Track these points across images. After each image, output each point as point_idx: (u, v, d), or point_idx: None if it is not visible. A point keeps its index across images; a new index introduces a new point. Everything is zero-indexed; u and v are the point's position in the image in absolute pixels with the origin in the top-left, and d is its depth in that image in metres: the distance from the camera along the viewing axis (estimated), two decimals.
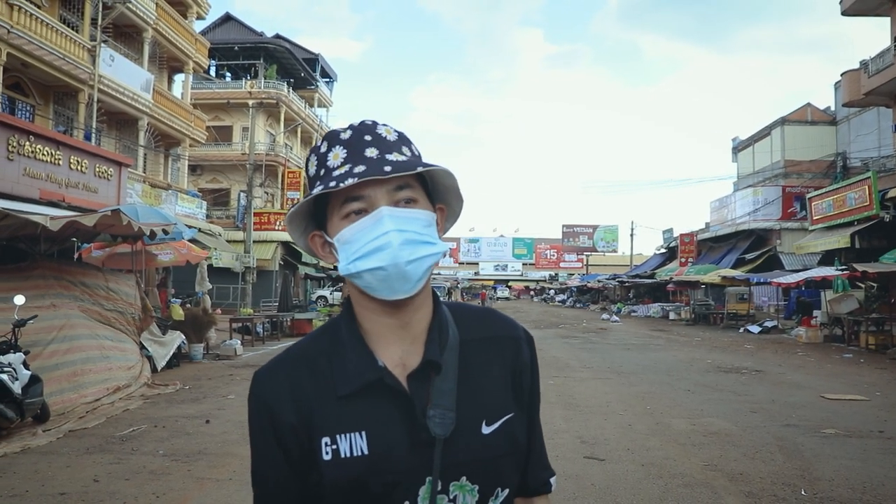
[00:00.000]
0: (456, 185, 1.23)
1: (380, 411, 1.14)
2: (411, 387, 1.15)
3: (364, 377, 1.14)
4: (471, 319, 1.28)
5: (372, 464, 1.11)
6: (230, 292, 33.05)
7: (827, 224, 26.66)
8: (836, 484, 6.05)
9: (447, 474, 1.13)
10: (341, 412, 1.14)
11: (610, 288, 58.82)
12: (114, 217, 10.32)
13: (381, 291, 1.13)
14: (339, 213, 1.16)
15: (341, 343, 1.19)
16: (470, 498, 1.15)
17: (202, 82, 39.10)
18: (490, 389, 1.21)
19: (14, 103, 19.96)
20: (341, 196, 1.14)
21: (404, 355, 1.18)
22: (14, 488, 5.80)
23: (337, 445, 1.12)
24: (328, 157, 1.18)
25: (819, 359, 17.13)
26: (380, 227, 1.11)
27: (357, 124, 1.20)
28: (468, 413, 1.16)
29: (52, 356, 9.68)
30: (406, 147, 1.20)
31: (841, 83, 29.06)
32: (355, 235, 1.13)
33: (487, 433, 1.18)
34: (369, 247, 1.11)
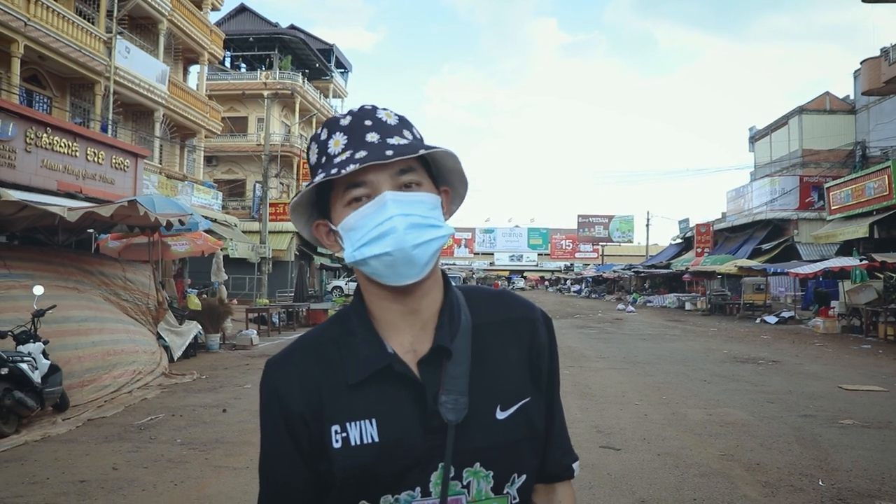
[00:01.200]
0: (459, 167, 1.21)
1: (390, 398, 1.13)
2: (422, 373, 1.14)
3: (373, 365, 1.13)
4: (484, 302, 1.27)
5: (383, 451, 1.10)
6: (246, 283, 33.22)
7: (845, 214, 26.43)
8: (854, 475, 6.01)
9: (460, 460, 1.12)
10: (351, 400, 1.13)
11: (625, 278, 58.64)
12: (130, 208, 10.37)
13: (388, 277, 1.12)
14: (342, 200, 1.15)
15: (351, 331, 1.19)
16: (484, 484, 1.15)
17: (217, 73, 39.22)
18: (505, 374, 1.20)
19: (31, 95, 20.09)
20: (344, 183, 1.13)
21: (415, 341, 1.17)
22: (35, 475, 5.86)
23: (347, 433, 1.11)
24: (329, 144, 1.16)
25: (837, 349, 17.01)
26: (384, 212, 1.10)
27: (356, 110, 1.19)
28: (482, 398, 1.15)
29: (88, 333, 9.87)
30: (407, 130, 1.18)
31: (860, 71, 28.77)
32: (359, 222, 1.12)
33: (502, 418, 1.17)
34: (374, 233, 1.10)
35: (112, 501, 5.19)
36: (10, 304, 9.05)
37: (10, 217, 9.42)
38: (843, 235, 25.75)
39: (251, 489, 5.47)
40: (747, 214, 38.93)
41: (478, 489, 1.14)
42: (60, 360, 8.77)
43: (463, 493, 1.13)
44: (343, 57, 51.31)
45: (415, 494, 1.11)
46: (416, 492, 1.11)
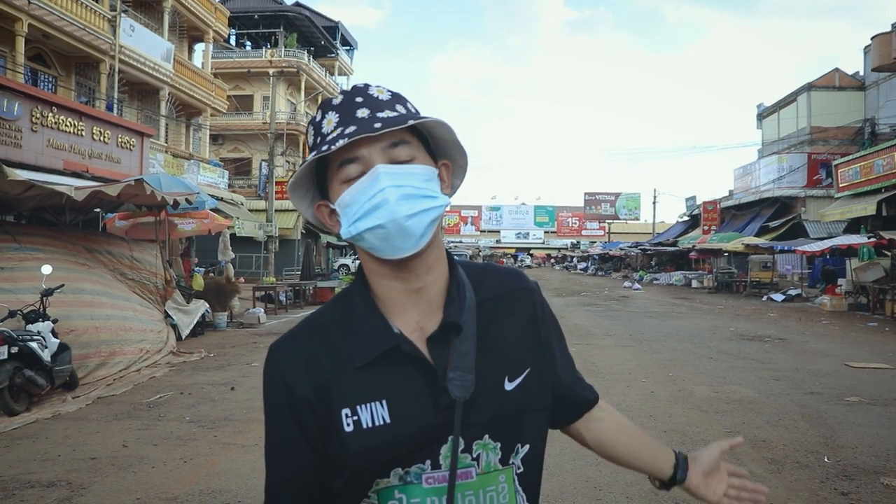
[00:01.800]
0: (454, 137, 1.20)
1: (399, 378, 1.13)
2: (431, 350, 1.14)
3: (379, 346, 1.13)
4: (483, 277, 1.27)
5: (395, 431, 1.10)
6: (253, 261, 33.29)
7: (853, 191, 26.29)
8: (859, 451, 6.03)
9: (470, 433, 1.13)
10: (360, 382, 1.13)
11: (632, 256, 58.58)
12: (137, 187, 10.38)
13: (384, 251, 1.12)
14: (337, 178, 1.15)
15: (354, 312, 1.18)
16: (493, 456, 1.16)
17: (222, 51, 39.08)
18: (510, 346, 1.22)
19: (36, 74, 20.07)
20: (337, 160, 1.13)
21: (422, 319, 1.17)
22: (47, 452, 5.93)
23: (358, 416, 1.11)
24: (322, 124, 1.17)
25: (843, 327, 17.00)
26: (376, 184, 1.10)
27: (349, 89, 1.19)
28: (490, 372, 1.17)
29: (101, 306, 10.03)
30: (400, 105, 1.18)
31: (870, 47, 28.52)
32: (354, 197, 1.12)
33: (510, 389, 1.18)
34: (367, 206, 1.10)
35: (122, 478, 5.24)
36: (25, 273, 9.15)
37: (17, 196, 9.44)
38: (850, 213, 25.63)
39: (259, 466, 5.49)
40: (754, 192, 38.76)
41: (486, 461, 1.15)
42: (78, 331, 8.97)
43: (473, 465, 1.14)
44: (348, 34, 51.03)
45: (425, 467, 1.12)
46: (426, 464, 1.12)
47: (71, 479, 5.21)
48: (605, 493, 4.95)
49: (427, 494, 1.12)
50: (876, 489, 5.05)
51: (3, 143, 14.41)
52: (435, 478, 1.12)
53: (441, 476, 1.12)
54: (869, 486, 5.11)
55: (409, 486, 1.12)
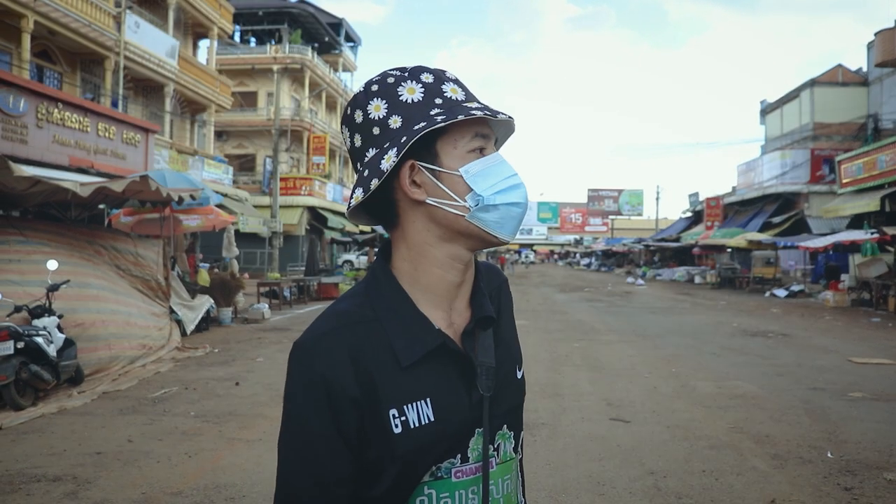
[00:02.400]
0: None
1: (441, 376, 1.11)
2: (465, 345, 1.14)
3: (426, 344, 1.10)
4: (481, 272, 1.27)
5: (438, 429, 1.09)
6: (257, 257, 33.35)
7: (856, 187, 26.23)
8: (862, 446, 6.05)
9: (494, 425, 1.15)
10: (404, 381, 1.08)
11: (635, 252, 58.54)
12: (142, 183, 10.41)
13: (506, 230, 1.13)
14: (464, 145, 1.11)
15: (390, 308, 1.13)
16: (509, 445, 1.19)
17: (227, 48, 39.06)
18: (513, 336, 1.27)
19: (42, 71, 20.10)
20: (472, 130, 1.12)
21: (452, 314, 1.17)
22: (53, 447, 5.96)
23: (406, 416, 1.07)
24: (443, 88, 1.14)
25: (846, 323, 17.00)
26: (508, 167, 1.13)
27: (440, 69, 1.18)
28: (506, 363, 1.19)
29: (107, 301, 10.06)
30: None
31: (874, 43, 28.40)
32: (492, 169, 1.12)
33: (520, 377, 1.23)
34: (508, 182, 1.12)
35: (128, 473, 5.27)
36: (32, 266, 9.19)
37: (23, 192, 9.46)
38: (854, 209, 25.57)
39: (264, 461, 5.56)
40: (758, 188, 38.71)
41: (504, 451, 1.18)
42: (85, 324, 9.03)
43: (494, 455, 1.15)
44: (352, 31, 50.99)
45: (455, 461, 1.11)
46: (456, 459, 1.11)
47: (76, 473, 5.24)
48: (608, 489, 4.98)
49: (456, 488, 1.11)
50: (879, 484, 5.07)
51: (10, 139, 14.46)
52: (464, 471, 1.12)
53: (468, 469, 1.12)
54: (872, 482, 5.13)
55: (439, 481, 1.10)
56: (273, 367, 10.04)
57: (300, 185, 36.01)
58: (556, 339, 13.15)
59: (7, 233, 9.52)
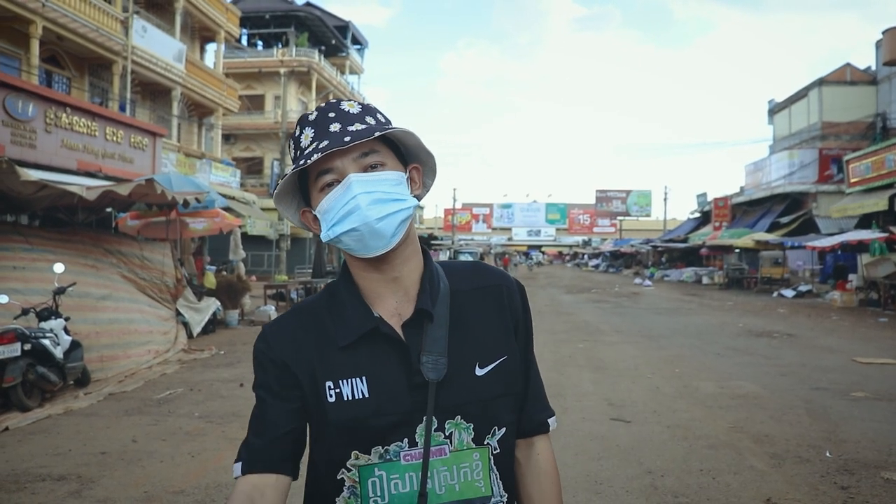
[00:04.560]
0: (420, 142, 1.32)
1: (378, 358, 1.25)
2: (406, 335, 1.26)
3: (361, 327, 1.26)
4: (462, 273, 1.39)
5: (372, 405, 1.22)
6: (264, 259, 33.47)
7: (865, 187, 26.16)
8: (861, 446, 6.07)
9: (442, 414, 1.24)
10: (343, 359, 1.25)
11: (643, 252, 58.42)
12: (148, 186, 10.51)
13: (358, 251, 1.25)
14: (315, 186, 1.27)
15: (340, 299, 1.32)
16: (465, 435, 1.26)
17: (234, 51, 39.22)
18: (483, 334, 1.32)
19: (50, 76, 20.26)
20: (315, 171, 1.26)
21: (399, 306, 1.29)
22: (59, 447, 6.04)
23: (340, 389, 1.24)
24: (301, 139, 1.29)
25: (853, 323, 16.97)
26: (348, 192, 1.22)
27: (323, 105, 1.31)
28: (461, 357, 1.27)
29: (105, 311, 10.11)
30: (370, 116, 1.29)
31: (882, 41, 28.33)
32: (330, 204, 1.24)
33: (481, 375, 1.29)
34: (342, 212, 1.23)
35: (131, 472, 5.35)
36: (36, 274, 9.28)
37: (30, 196, 9.58)
38: (862, 208, 25.51)
39: None
40: (765, 188, 38.60)
41: (459, 440, 1.26)
42: (80, 335, 9.00)
43: (445, 443, 1.24)
44: (359, 33, 51.11)
45: (403, 445, 1.23)
46: (403, 443, 1.23)
47: (81, 472, 5.32)
48: (605, 487, 5.02)
49: (405, 470, 1.23)
50: (876, 483, 5.09)
51: (19, 143, 14.57)
52: (412, 455, 1.23)
53: (417, 453, 1.23)
54: (869, 481, 5.15)
55: (389, 463, 1.23)
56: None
57: None
58: (561, 340, 13.18)
59: (12, 240, 9.61)
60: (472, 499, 1.26)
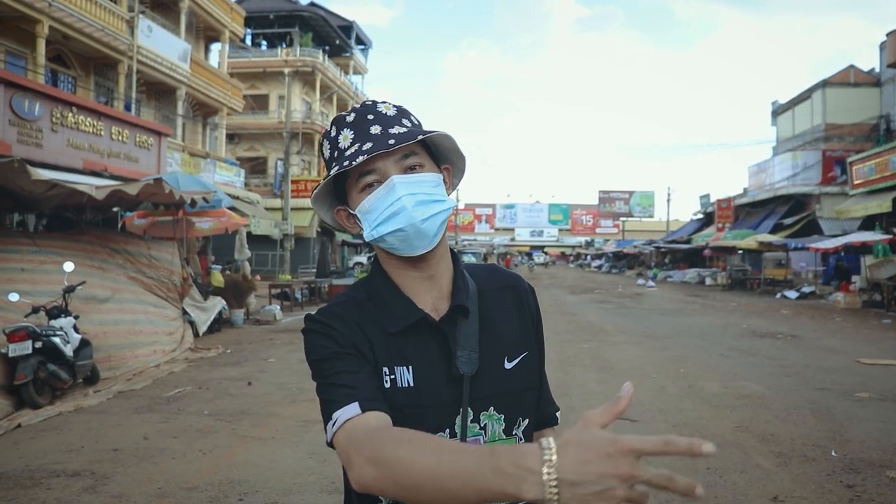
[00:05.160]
0: (455, 145, 1.37)
1: (423, 350, 1.30)
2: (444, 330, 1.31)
3: (409, 318, 1.30)
4: (482, 273, 1.46)
5: (416, 394, 1.27)
6: (269, 259, 33.53)
7: (868, 188, 26.21)
8: (866, 445, 6.11)
9: (477, 406, 1.30)
10: (392, 347, 1.29)
11: (646, 253, 58.46)
12: (156, 186, 10.57)
13: (403, 250, 1.30)
14: (356, 187, 1.31)
15: (380, 293, 1.35)
16: (497, 426, 1.32)
17: (238, 51, 39.28)
18: (508, 330, 1.38)
19: (56, 75, 20.32)
20: (356, 172, 1.30)
21: (434, 302, 1.34)
22: (71, 444, 6.11)
23: (394, 375, 1.27)
24: (339, 139, 1.32)
25: (856, 324, 17.00)
26: (393, 194, 1.26)
27: (359, 107, 1.35)
28: (491, 352, 1.33)
29: (110, 312, 10.17)
30: (406, 119, 1.34)
31: (886, 43, 28.33)
32: (374, 205, 1.28)
33: (509, 368, 1.35)
34: (387, 213, 1.27)
35: (144, 468, 5.41)
36: (44, 276, 9.34)
37: (41, 195, 9.64)
38: (865, 210, 25.54)
39: (277, 458, 5.68)
40: (769, 189, 38.63)
41: (492, 430, 1.31)
42: (88, 335, 9.05)
43: (480, 434, 1.30)
44: (363, 33, 51.16)
45: (444, 435, 1.28)
46: (445, 433, 1.28)
47: (94, 469, 5.38)
48: None
49: None
50: (881, 482, 5.14)
51: (25, 142, 14.65)
52: None
53: None
54: (874, 479, 5.20)
55: None
56: (285, 367, 10.17)
57: (311, 187, 36.06)
58: (565, 341, 13.23)
59: (20, 243, 9.68)
60: None
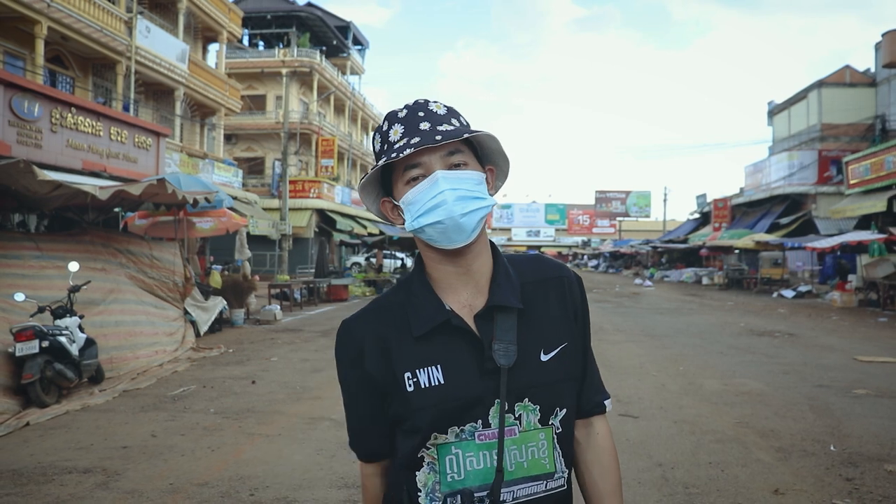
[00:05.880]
0: (500, 147, 1.44)
1: (451, 347, 1.37)
2: (478, 324, 1.38)
3: (434, 320, 1.37)
4: (525, 265, 1.51)
5: (448, 390, 1.34)
6: (266, 259, 33.57)
7: (864, 188, 26.31)
8: (864, 441, 6.20)
9: (512, 397, 1.36)
10: (419, 350, 1.37)
11: (643, 253, 58.60)
12: (159, 186, 10.62)
13: (441, 242, 1.36)
14: (402, 179, 1.38)
15: (414, 293, 1.42)
16: (532, 416, 1.38)
17: (236, 52, 39.29)
18: (547, 323, 1.44)
19: (55, 76, 20.34)
20: (402, 165, 1.37)
21: (470, 298, 1.41)
22: (80, 441, 6.17)
23: (417, 378, 1.35)
24: (389, 133, 1.39)
25: (853, 323, 17.12)
26: (436, 187, 1.33)
27: (412, 104, 1.41)
28: (529, 344, 1.39)
29: (111, 314, 10.24)
30: (455, 119, 1.41)
31: (881, 43, 28.46)
32: (416, 197, 1.35)
33: (546, 360, 1.41)
34: (429, 205, 1.33)
35: (154, 465, 5.48)
36: (45, 282, 9.39)
37: (45, 196, 9.69)
38: (861, 210, 25.64)
39: (285, 454, 5.75)
40: (765, 189, 38.77)
41: (527, 421, 1.38)
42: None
43: (515, 423, 1.37)
44: (360, 34, 51.20)
45: (476, 426, 1.35)
46: (477, 423, 1.35)
47: (105, 465, 5.45)
48: None
49: (479, 449, 1.35)
50: (879, 475, 5.23)
51: (24, 143, 14.68)
52: (486, 435, 1.35)
53: (490, 433, 1.35)
54: (873, 473, 5.29)
55: (464, 442, 1.35)
56: (287, 366, 10.24)
57: (309, 187, 36.21)
58: None
59: (23, 247, 9.71)
60: (538, 475, 1.38)
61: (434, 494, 1.36)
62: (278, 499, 4.78)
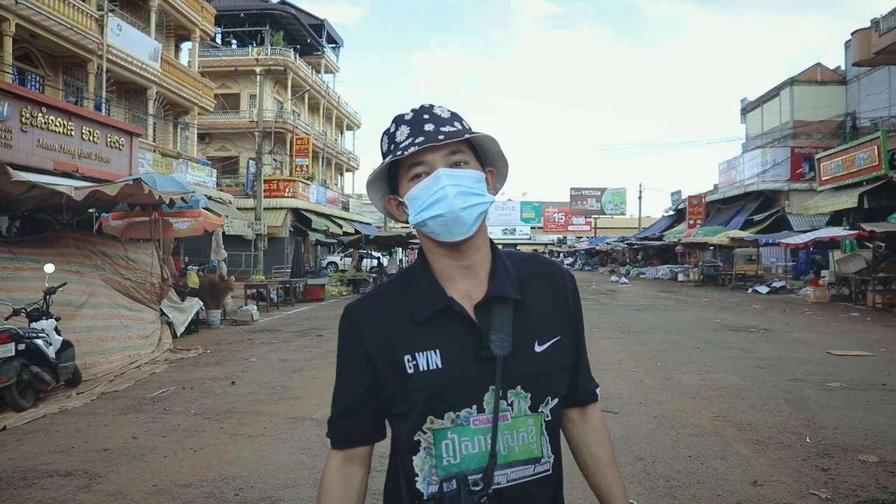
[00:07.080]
0: (499, 148, 1.51)
1: (450, 333, 1.43)
2: (476, 314, 1.44)
3: (435, 305, 1.44)
4: (522, 262, 1.58)
5: (446, 374, 1.40)
6: (242, 259, 33.38)
7: (836, 185, 26.62)
8: (839, 432, 6.32)
9: (505, 384, 1.42)
10: (419, 334, 1.43)
11: (618, 250, 58.92)
12: (135, 186, 10.54)
13: (442, 235, 1.43)
14: (406, 177, 1.45)
15: (416, 280, 1.50)
16: (524, 403, 1.45)
17: (209, 50, 39.01)
18: (542, 316, 1.50)
19: (24, 74, 20.08)
20: (407, 163, 1.44)
21: (469, 289, 1.47)
22: (60, 445, 6.12)
23: (416, 361, 1.41)
24: (396, 134, 1.47)
25: (826, 317, 17.36)
26: (438, 183, 1.40)
27: (418, 107, 1.50)
28: (523, 335, 1.46)
29: (84, 319, 10.13)
30: (457, 122, 1.48)
31: (851, 42, 28.81)
32: (420, 192, 1.42)
33: (539, 351, 1.48)
34: (431, 199, 1.40)
35: (136, 467, 5.45)
36: (20, 283, 9.31)
37: (19, 197, 9.59)
38: (833, 206, 25.96)
39: (268, 454, 5.75)
40: (739, 186, 39.16)
41: (518, 407, 1.45)
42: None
43: (508, 409, 1.43)
44: (334, 32, 51.05)
45: (471, 411, 1.42)
46: (472, 409, 1.42)
47: (87, 468, 5.41)
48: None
49: (474, 433, 1.42)
50: (854, 465, 5.33)
51: None
52: (480, 420, 1.42)
53: (485, 419, 1.42)
54: (847, 463, 5.39)
55: (459, 427, 1.42)
56: (267, 366, 10.21)
57: (284, 186, 36.09)
58: None
59: None
60: (527, 459, 1.45)
61: (431, 478, 1.42)
62: (263, 498, 4.78)
